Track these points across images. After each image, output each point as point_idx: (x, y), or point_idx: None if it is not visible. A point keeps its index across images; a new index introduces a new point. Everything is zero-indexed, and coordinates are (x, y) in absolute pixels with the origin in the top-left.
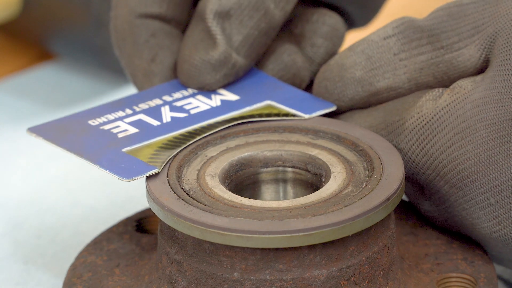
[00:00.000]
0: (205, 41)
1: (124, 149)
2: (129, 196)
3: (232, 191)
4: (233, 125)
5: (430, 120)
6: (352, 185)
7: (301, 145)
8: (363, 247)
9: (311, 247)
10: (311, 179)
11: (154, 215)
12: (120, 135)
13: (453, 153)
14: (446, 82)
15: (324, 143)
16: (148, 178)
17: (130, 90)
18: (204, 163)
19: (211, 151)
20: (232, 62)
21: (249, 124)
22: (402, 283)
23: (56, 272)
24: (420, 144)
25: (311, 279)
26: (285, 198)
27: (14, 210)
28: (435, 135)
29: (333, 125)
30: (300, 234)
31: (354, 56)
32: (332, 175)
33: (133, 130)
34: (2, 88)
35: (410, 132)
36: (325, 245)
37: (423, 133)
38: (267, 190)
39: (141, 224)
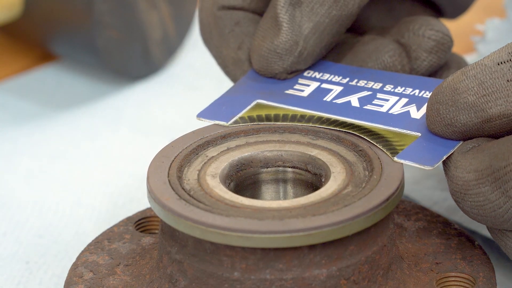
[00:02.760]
0: (272, 29)
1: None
2: (130, 196)
3: (232, 191)
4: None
5: None
6: (352, 185)
7: (301, 145)
8: (363, 247)
9: (311, 247)
10: (311, 179)
11: (155, 215)
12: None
13: None
14: None
15: (324, 144)
16: (149, 178)
17: (131, 91)
18: (205, 163)
19: (212, 151)
20: (298, 50)
21: (249, 125)
22: (402, 283)
23: (58, 271)
24: None
25: (311, 279)
26: (285, 198)
27: (15, 210)
28: None
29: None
30: (300, 234)
31: (466, 81)
32: (332, 175)
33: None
34: (4, 89)
35: None
36: (325, 244)
37: None
38: (267, 190)
39: (142, 224)
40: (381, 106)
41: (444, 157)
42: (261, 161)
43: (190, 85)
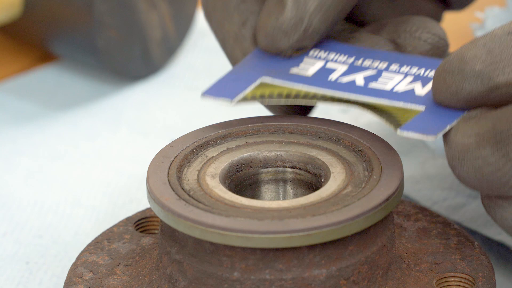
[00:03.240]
0: (277, 7)
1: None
2: (130, 196)
3: (232, 191)
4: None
5: None
6: (352, 185)
7: (301, 145)
8: (363, 247)
9: (311, 247)
10: (311, 179)
11: (155, 215)
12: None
13: None
14: None
15: (324, 144)
16: (148, 178)
17: (131, 91)
18: (205, 163)
19: (212, 152)
20: (303, 27)
21: (249, 125)
22: (401, 283)
23: (58, 272)
24: None
25: (310, 279)
26: (285, 198)
27: (15, 210)
28: None
29: (333, 125)
30: (300, 234)
31: (475, 49)
32: (331, 175)
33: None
34: (4, 89)
35: None
36: (324, 245)
37: None
38: (267, 190)
39: (141, 224)
40: (386, 84)
41: (448, 127)
42: (261, 161)
43: (190, 85)
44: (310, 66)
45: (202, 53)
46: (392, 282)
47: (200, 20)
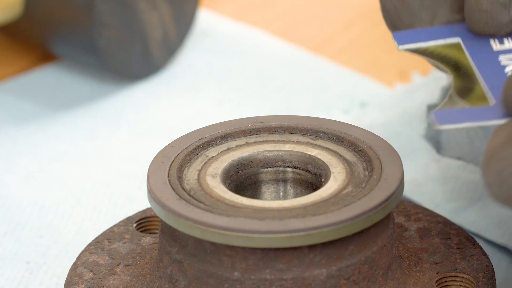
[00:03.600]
0: None
1: None
2: (130, 196)
3: (232, 191)
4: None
5: None
6: (352, 185)
7: (301, 145)
8: (363, 247)
9: (311, 247)
10: (311, 179)
11: (155, 215)
12: None
13: None
14: None
15: (324, 144)
16: (149, 178)
17: (131, 91)
18: (205, 163)
19: (212, 151)
20: None
21: (249, 125)
22: (401, 283)
23: (58, 271)
24: None
25: (311, 279)
26: (285, 198)
27: (16, 210)
28: None
29: (333, 125)
30: (300, 233)
31: None
32: (332, 175)
33: None
34: (4, 89)
35: None
36: (325, 244)
37: None
38: (267, 190)
39: (142, 224)
40: None
41: (461, 125)
42: (261, 161)
43: (190, 85)
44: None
45: (203, 53)
46: (393, 282)
47: (201, 20)
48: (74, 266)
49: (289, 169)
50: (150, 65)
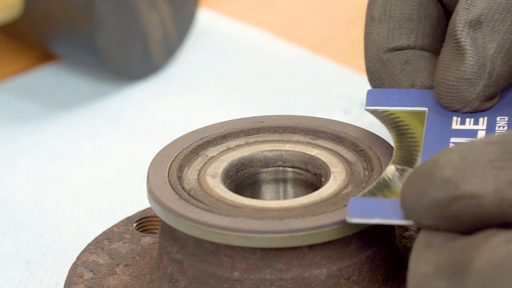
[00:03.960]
0: (456, 57)
1: None
2: (130, 196)
3: (232, 191)
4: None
5: (499, 264)
6: (352, 185)
7: (301, 145)
8: (363, 247)
9: (311, 247)
10: (311, 179)
11: (155, 215)
12: None
13: None
14: None
15: (324, 143)
16: (149, 178)
17: (131, 91)
18: (205, 163)
19: (212, 151)
20: (487, 72)
21: (249, 125)
22: (402, 282)
23: (58, 271)
24: None
25: (311, 279)
26: (285, 198)
27: (16, 210)
28: (504, 281)
29: (333, 125)
30: (300, 233)
31: (450, 155)
32: (332, 175)
33: None
34: (4, 89)
35: (476, 275)
36: (325, 244)
37: (491, 277)
38: (267, 190)
39: (142, 224)
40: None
41: (368, 221)
42: (261, 161)
43: (190, 85)
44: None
45: (203, 53)
46: (393, 282)
47: (201, 20)
48: (74, 266)
49: (289, 169)
50: (150, 65)
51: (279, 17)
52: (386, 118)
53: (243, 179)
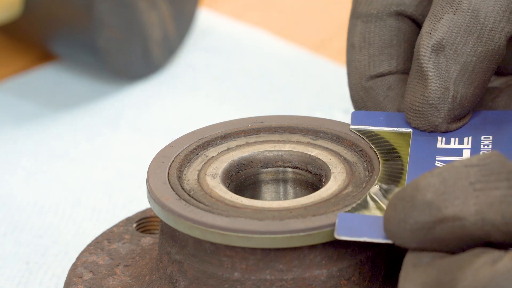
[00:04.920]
0: (420, 82)
1: None
2: (130, 196)
3: (232, 191)
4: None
5: (484, 285)
6: (352, 185)
7: (302, 145)
8: (363, 247)
9: (312, 247)
10: (311, 179)
11: (155, 215)
12: None
13: None
14: None
15: (324, 144)
16: (149, 178)
17: (131, 91)
18: (205, 163)
19: (212, 151)
20: (451, 96)
21: (249, 125)
22: None
23: (58, 272)
24: None
25: (311, 279)
26: (285, 198)
27: (16, 210)
28: None
29: (333, 125)
30: (301, 234)
31: (430, 178)
32: (332, 175)
33: None
34: (4, 89)
35: None
36: (325, 245)
37: None
38: (268, 190)
39: (142, 224)
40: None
41: (358, 239)
42: (261, 161)
43: (190, 85)
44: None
45: (203, 53)
46: (393, 282)
47: (201, 20)
48: (74, 267)
49: (289, 169)
50: (150, 65)
51: (280, 17)
52: (371, 138)
53: (243, 180)
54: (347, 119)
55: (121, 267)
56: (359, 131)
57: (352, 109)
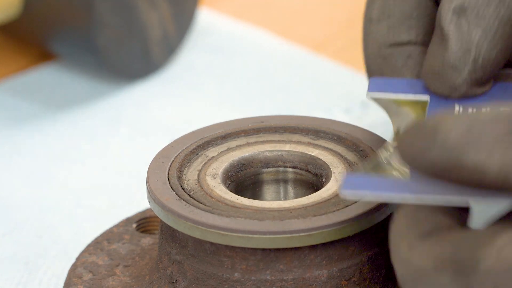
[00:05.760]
0: (440, 45)
1: None
2: (130, 197)
3: (233, 192)
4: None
5: (510, 266)
6: None
7: (302, 145)
8: (364, 247)
9: (312, 247)
10: (312, 179)
11: (155, 216)
12: None
13: None
14: None
15: (325, 144)
16: (148, 178)
17: (131, 91)
18: (205, 163)
19: (212, 152)
20: (472, 58)
21: (250, 125)
22: None
23: (57, 272)
24: None
25: (311, 279)
26: (285, 198)
27: (15, 211)
28: None
29: (334, 125)
30: (301, 234)
31: (454, 122)
32: (332, 175)
33: None
34: (3, 89)
35: (485, 275)
36: (325, 245)
37: (502, 279)
38: (268, 190)
39: (141, 224)
40: None
41: (363, 193)
42: (262, 161)
43: (190, 85)
44: None
45: (203, 53)
46: (394, 283)
47: (201, 19)
48: (73, 267)
49: (290, 169)
50: (150, 64)
51: (280, 16)
52: (387, 105)
53: (244, 180)
54: (347, 119)
55: (120, 267)
56: (376, 99)
57: (352, 109)
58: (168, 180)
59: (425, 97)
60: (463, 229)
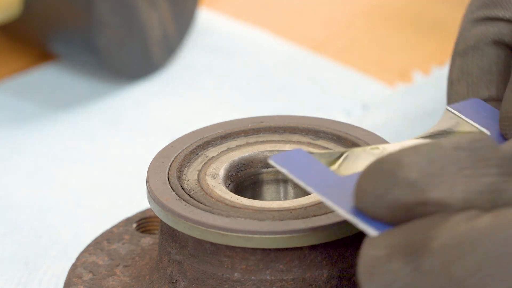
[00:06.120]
0: None
1: None
2: (130, 197)
3: (232, 192)
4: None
5: (461, 241)
6: None
7: (302, 145)
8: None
9: (312, 247)
10: None
11: (155, 216)
12: None
13: (483, 280)
14: None
15: (325, 143)
16: (148, 178)
17: (131, 91)
18: (205, 163)
19: (212, 152)
20: None
21: (250, 125)
22: None
23: (57, 272)
24: (446, 266)
25: (311, 279)
26: (285, 198)
27: (15, 211)
28: (465, 257)
29: (334, 125)
30: (301, 234)
31: (415, 156)
32: None
33: None
34: (3, 89)
35: (437, 253)
36: (325, 245)
37: (451, 256)
38: (268, 190)
39: (141, 224)
40: None
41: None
42: (262, 161)
43: (190, 85)
44: None
45: (203, 53)
46: None
47: (201, 19)
48: (73, 267)
49: None
50: (150, 64)
51: (280, 16)
52: (451, 123)
53: (244, 180)
54: (347, 119)
55: (120, 267)
56: (452, 112)
57: (352, 109)
58: (168, 180)
59: (486, 131)
60: (423, 218)
